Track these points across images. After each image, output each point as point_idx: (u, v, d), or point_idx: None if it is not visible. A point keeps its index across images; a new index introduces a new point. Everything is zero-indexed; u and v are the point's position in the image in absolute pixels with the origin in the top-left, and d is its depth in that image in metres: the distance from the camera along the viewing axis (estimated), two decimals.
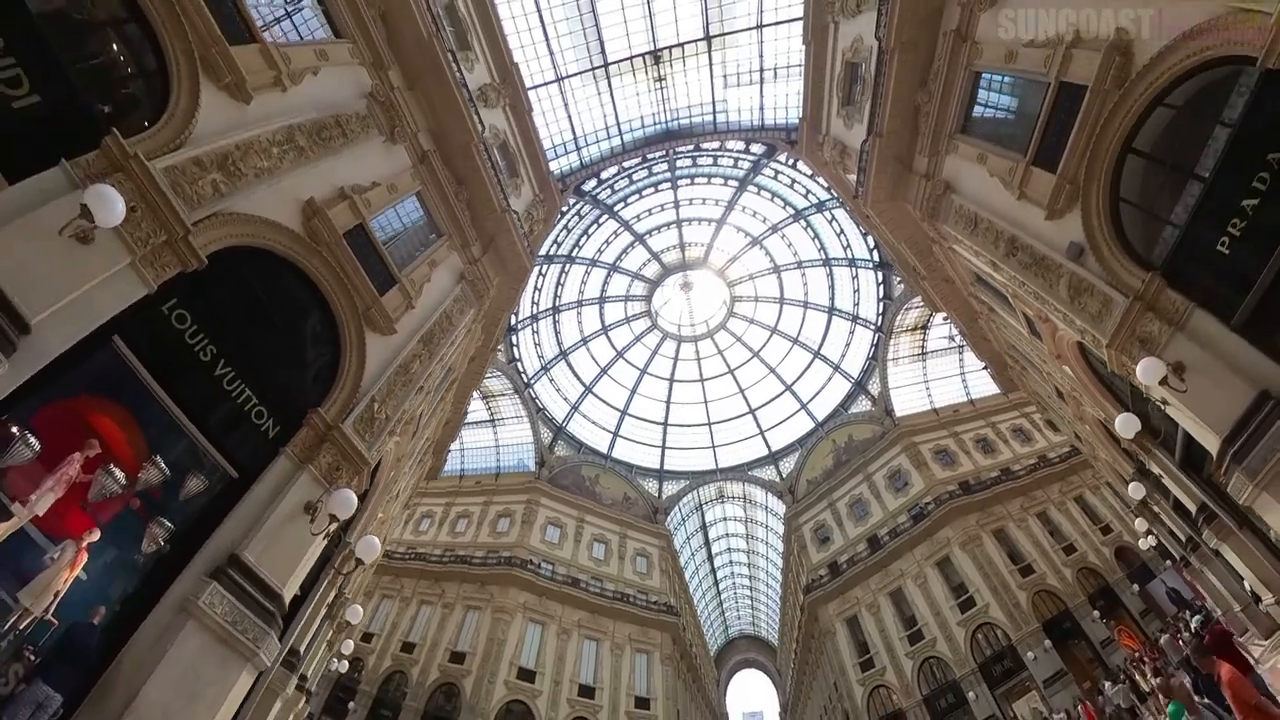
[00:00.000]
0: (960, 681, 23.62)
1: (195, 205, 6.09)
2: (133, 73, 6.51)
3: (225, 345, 6.56)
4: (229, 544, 6.08)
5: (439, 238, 11.78)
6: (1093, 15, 6.96)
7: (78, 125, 5.49)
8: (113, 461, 5.57)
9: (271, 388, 7.03)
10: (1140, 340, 6.92)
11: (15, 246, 4.66)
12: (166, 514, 5.95)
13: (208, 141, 6.49)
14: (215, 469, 6.40)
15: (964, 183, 10.74)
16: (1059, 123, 7.88)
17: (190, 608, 5.54)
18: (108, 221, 4.88)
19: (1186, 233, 6.36)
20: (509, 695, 24.07)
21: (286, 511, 6.45)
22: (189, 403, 6.23)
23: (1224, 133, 5.83)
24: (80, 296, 4.99)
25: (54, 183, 5.05)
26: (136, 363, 5.79)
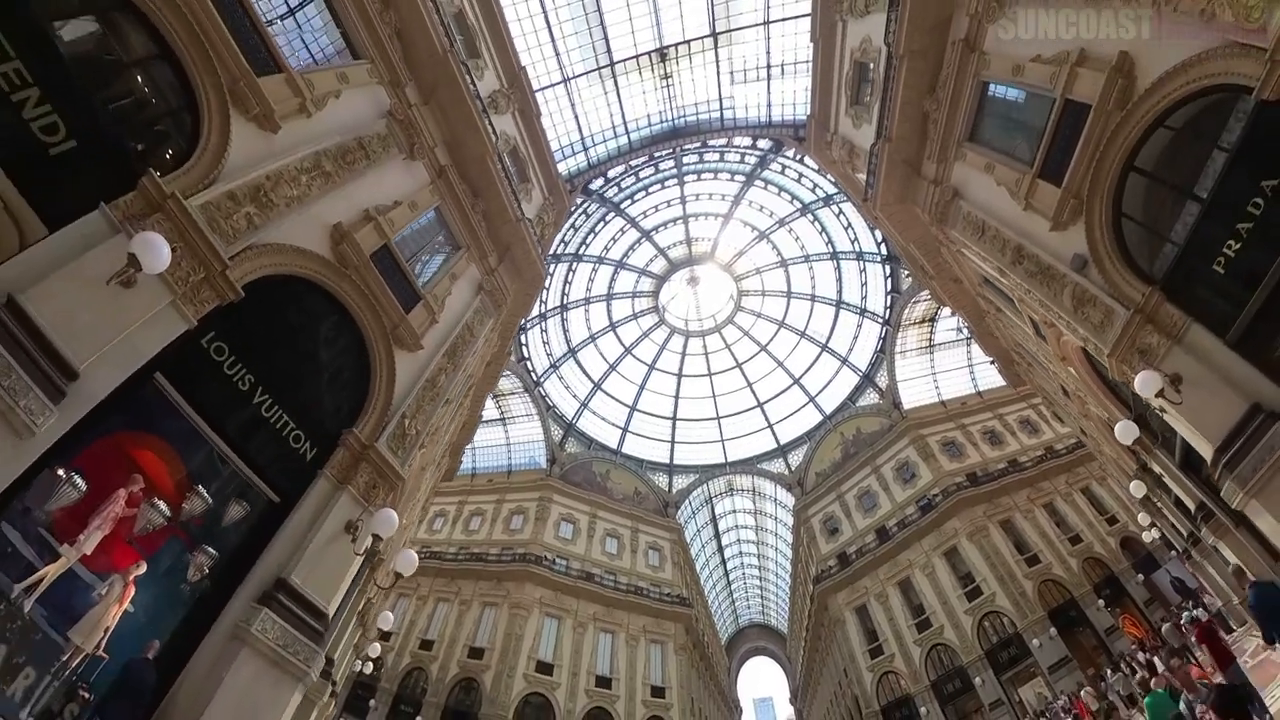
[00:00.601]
0: (967, 668, 24.14)
1: (231, 240, 6.35)
2: (163, 109, 6.74)
3: (261, 373, 6.80)
4: (275, 568, 6.34)
5: (457, 250, 12.11)
6: (1097, 36, 7.18)
7: (113, 165, 5.72)
8: (156, 494, 5.73)
9: (306, 411, 7.33)
10: (1140, 351, 7.20)
11: (61, 294, 4.86)
12: (210, 541, 6.16)
13: (240, 174, 6.75)
14: (256, 494, 6.63)
15: (972, 190, 10.95)
16: (1064, 137, 8.10)
17: (243, 635, 5.75)
18: (155, 268, 5.11)
19: (1185, 250, 6.63)
20: (528, 688, 24.76)
21: (329, 533, 6.73)
22: (229, 431, 6.48)
23: (1221, 156, 6.09)
24: (124, 339, 5.21)
25: (95, 227, 5.25)
26: (178, 397, 6.03)
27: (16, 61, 5.07)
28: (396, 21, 11.06)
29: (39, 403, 4.52)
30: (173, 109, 6.72)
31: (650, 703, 27.76)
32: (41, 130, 5.25)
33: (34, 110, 5.19)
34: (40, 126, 5.24)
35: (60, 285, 4.83)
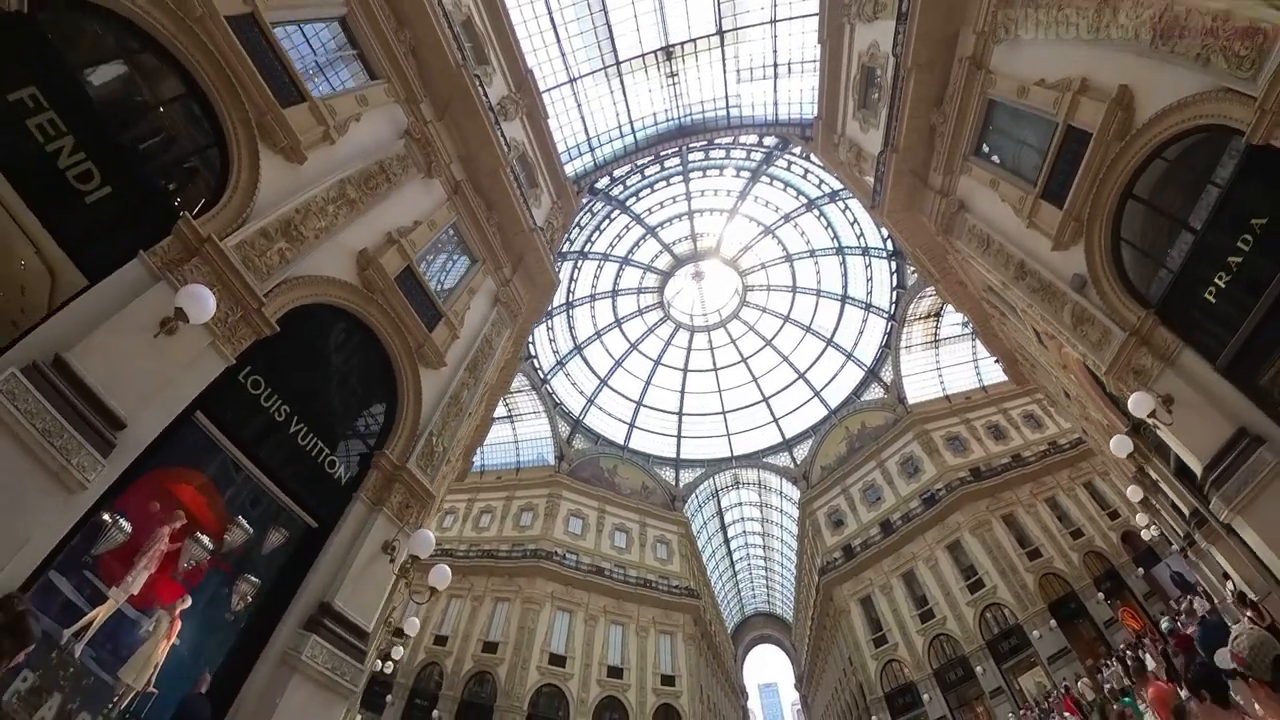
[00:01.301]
0: (969, 657, 24.77)
1: (264, 276, 6.52)
2: (191, 146, 6.82)
3: (296, 402, 6.96)
4: (319, 592, 6.56)
5: (474, 264, 12.43)
6: (1099, 67, 7.41)
7: (146, 207, 5.82)
8: (198, 529, 5.77)
9: (338, 435, 7.61)
10: (1135, 371, 7.53)
11: (106, 347, 4.96)
12: (251, 570, 6.33)
13: (271, 209, 6.89)
14: (294, 520, 6.83)
15: (977, 203, 11.18)
16: (1066, 161, 8.35)
17: (293, 661, 5.95)
18: (201, 319, 5.24)
19: (1179, 278, 6.93)
20: (542, 680, 25.50)
21: (367, 554, 7.01)
22: (266, 461, 6.62)
23: (1214, 191, 6.38)
24: (168, 384, 5.36)
25: (134, 275, 5.35)
26: (218, 434, 6.16)
27: (50, 111, 5.15)
28: (411, 39, 11.19)
29: (90, 459, 4.66)
30: (201, 146, 6.80)
31: (660, 691, 28.53)
32: (77, 179, 5.32)
33: (69, 159, 5.27)
34: (75, 175, 5.32)
35: (105, 338, 4.98)
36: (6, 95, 4.96)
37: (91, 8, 5.81)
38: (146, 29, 6.23)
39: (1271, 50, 5.11)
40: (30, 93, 5.04)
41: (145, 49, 6.37)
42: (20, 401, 4.31)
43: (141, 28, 6.21)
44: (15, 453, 4.32)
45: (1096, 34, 7.15)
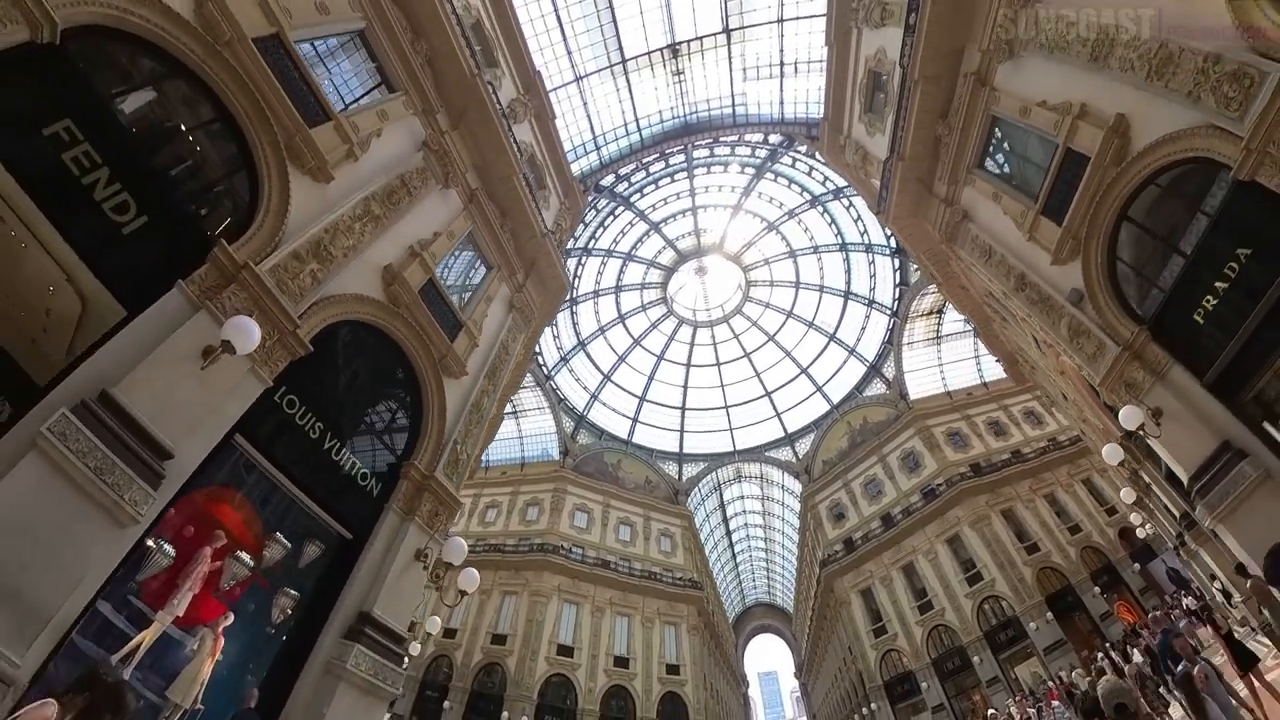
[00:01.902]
0: (966, 647, 25.43)
1: (298, 298, 6.69)
2: (222, 170, 6.84)
3: (328, 417, 7.12)
4: (357, 601, 6.80)
5: (489, 271, 12.78)
6: (1098, 94, 7.70)
7: (180, 234, 5.88)
8: (237, 546, 5.85)
9: (369, 448, 7.90)
10: (1127, 384, 7.91)
11: (151, 380, 5.02)
12: (290, 583, 6.50)
13: (301, 231, 7.02)
14: (329, 533, 7.04)
15: (980, 214, 11.48)
16: (1065, 181, 8.66)
17: (338, 671, 6.18)
18: (247, 349, 5.34)
19: (1170, 298, 7.28)
20: (550, 670, 26.19)
21: (402, 563, 7.28)
22: (301, 477, 6.77)
23: (1204, 220, 6.72)
24: (210, 410, 5.47)
25: (175, 305, 5.44)
26: (256, 454, 6.29)
27: (85, 143, 5.18)
28: (428, 50, 11.36)
29: (142, 493, 4.74)
30: (231, 169, 6.84)
31: (665, 679, 29.31)
32: (113, 210, 5.35)
33: (105, 191, 5.29)
34: (112, 207, 5.34)
35: (150, 371, 5.05)
36: (42, 130, 5.04)
37: (121, 35, 5.86)
38: (175, 55, 6.29)
39: (1258, 95, 5.44)
40: (65, 125, 5.11)
41: (174, 75, 6.43)
42: (72, 442, 4.41)
43: (171, 53, 6.27)
44: (69, 493, 4.41)
45: (1096, 62, 7.45)
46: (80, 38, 5.35)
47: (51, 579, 4.21)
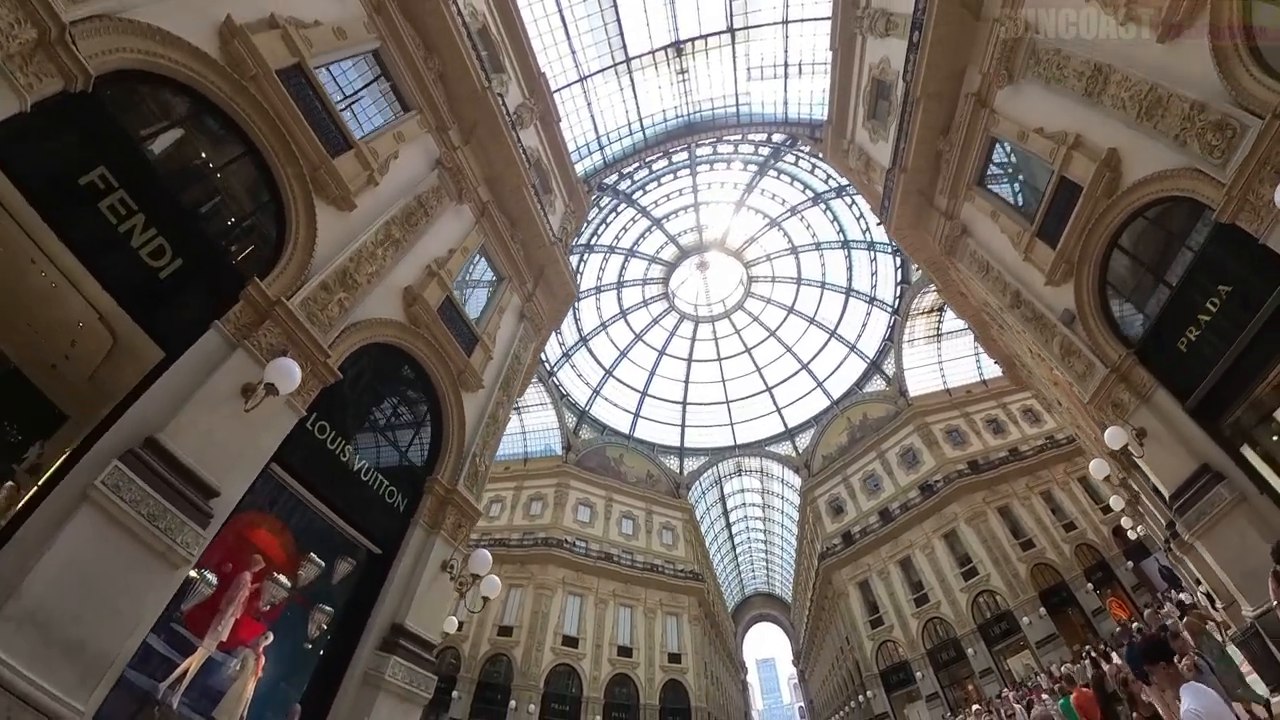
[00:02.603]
0: (961, 639, 26.07)
1: (327, 328, 6.92)
2: (249, 206, 6.97)
3: (355, 438, 7.42)
4: (390, 614, 7.14)
5: (500, 282, 13.10)
6: (1092, 127, 7.99)
7: (213, 271, 6.06)
8: (274, 569, 6.15)
9: (394, 466, 8.18)
10: (1114, 404, 8.30)
11: (195, 421, 5.19)
12: (324, 599, 6.86)
13: (328, 262, 7.20)
14: (359, 549, 7.39)
15: (979, 230, 11.79)
16: (1060, 206, 8.96)
17: (376, 681, 6.54)
18: (289, 389, 5.55)
19: (1156, 325, 7.66)
20: (556, 660, 26.90)
21: (430, 575, 7.67)
22: (332, 498, 7.04)
23: (1189, 254, 7.06)
24: (250, 445, 5.69)
25: (212, 345, 5.63)
26: (290, 479, 6.54)
27: (120, 190, 5.29)
28: (440, 66, 11.49)
29: (193, 534, 4.91)
30: (258, 204, 6.96)
31: (668, 668, 30.12)
32: (150, 255, 5.48)
33: (141, 237, 5.42)
34: (149, 252, 5.47)
35: (192, 414, 5.22)
36: (78, 180, 5.14)
37: (150, 77, 5.93)
38: (203, 93, 6.40)
39: (1239, 145, 5.76)
40: (100, 174, 5.23)
41: (202, 113, 6.53)
42: (125, 492, 4.55)
43: (199, 93, 6.37)
44: (125, 542, 4.56)
45: (1090, 97, 7.74)
46: (110, 83, 5.43)
47: (111, 627, 4.39)
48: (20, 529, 4.29)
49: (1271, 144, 5.42)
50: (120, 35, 5.43)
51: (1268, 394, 6.68)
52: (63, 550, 4.20)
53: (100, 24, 5.23)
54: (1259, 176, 5.58)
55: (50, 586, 4.10)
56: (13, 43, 4.44)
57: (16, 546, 4.20)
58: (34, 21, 4.57)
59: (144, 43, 5.68)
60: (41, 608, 4.05)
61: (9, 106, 4.52)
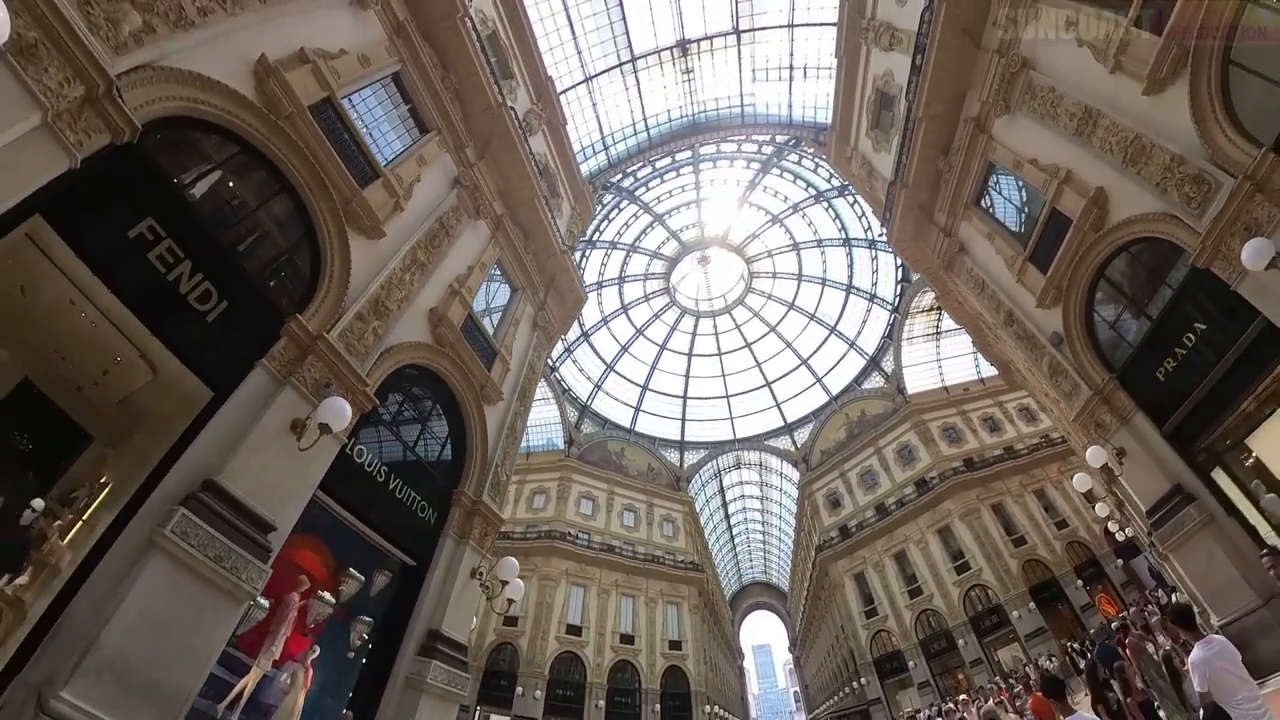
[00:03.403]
0: (952, 630, 26.94)
1: (364, 357, 7.24)
2: (285, 241, 7.12)
3: (388, 458, 7.74)
4: (427, 621, 7.65)
5: (514, 293, 13.52)
6: (1082, 165, 8.41)
7: (253, 309, 6.25)
8: (319, 586, 6.48)
9: (425, 481, 8.61)
10: (1096, 424, 8.84)
11: (250, 461, 5.38)
12: (364, 610, 7.26)
13: (361, 291, 7.46)
14: (394, 561, 7.85)
15: (975, 249, 12.22)
16: (1051, 235, 9.40)
17: (419, 684, 7.04)
18: (340, 427, 5.89)
19: (1138, 353, 8.17)
20: (560, 648, 27.77)
21: (460, 583, 8.20)
22: (369, 517, 7.39)
23: (1168, 290, 7.55)
24: (299, 478, 5.96)
25: (259, 384, 5.85)
26: (332, 503, 6.84)
27: (168, 239, 5.44)
28: (456, 83, 11.69)
29: (256, 570, 5.16)
30: (294, 239, 7.13)
31: (668, 654, 31.13)
32: (197, 300, 5.64)
33: (189, 283, 5.59)
34: (196, 297, 5.63)
35: (246, 454, 5.43)
36: (128, 233, 5.26)
37: (190, 122, 6.02)
38: (241, 135, 6.52)
39: (1214, 200, 6.22)
40: (149, 225, 5.36)
41: (239, 154, 6.64)
42: (193, 538, 4.77)
43: (237, 134, 6.48)
44: (194, 585, 4.79)
45: (1081, 136, 8.17)
46: (151, 130, 5.44)
47: (183, 666, 4.63)
48: (91, 575, 4.52)
49: (1243, 203, 5.88)
50: (162, 84, 5.49)
51: (1237, 424, 7.22)
52: (137, 599, 4.42)
53: (143, 74, 5.28)
54: (1230, 230, 6.05)
55: (126, 634, 4.32)
56: (62, 101, 4.48)
57: (88, 593, 4.45)
58: (82, 79, 4.62)
59: (184, 89, 5.76)
60: (120, 656, 4.26)
61: (59, 165, 4.56)
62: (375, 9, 9.43)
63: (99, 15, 4.90)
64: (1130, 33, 6.95)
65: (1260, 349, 6.50)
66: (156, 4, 5.40)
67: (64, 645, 4.18)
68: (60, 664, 4.06)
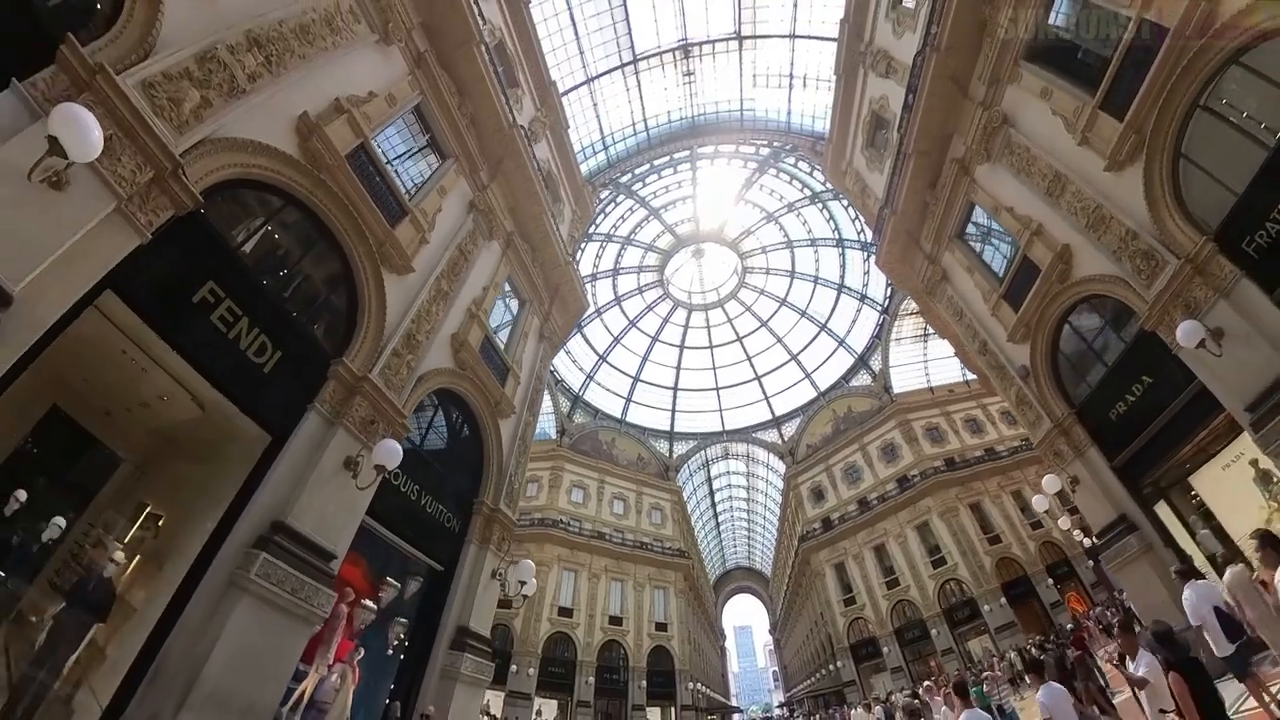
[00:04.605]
0: (926, 621, 28.40)
1: (400, 390, 7.87)
2: (325, 286, 7.58)
3: (421, 478, 8.42)
4: (456, 619, 8.62)
5: (523, 306, 14.10)
6: (1052, 221, 9.15)
7: (302, 354, 6.68)
8: (362, 596, 7.18)
9: (448, 493, 9.33)
10: (1055, 452, 9.79)
11: (312, 500, 5.94)
12: (399, 612, 8.11)
13: (395, 329, 7.91)
14: (424, 568, 8.69)
15: (956, 279, 13.01)
16: (1022, 278, 10.18)
17: (453, 674, 8.03)
18: (393, 465, 6.42)
19: (1093, 395, 9.07)
20: (552, 629, 28.99)
21: (483, 583, 9.13)
22: (403, 531, 8.08)
23: (1121, 343, 8.41)
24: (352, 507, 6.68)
25: (314, 426, 6.47)
26: (379, 526, 7.57)
27: (228, 300, 5.78)
28: (471, 109, 12.04)
29: (326, 596, 5.82)
30: (333, 283, 7.59)
31: (654, 635, 32.64)
32: (254, 353, 6.01)
33: (247, 339, 5.97)
34: (253, 351, 6.00)
35: (309, 494, 5.96)
36: (191, 297, 5.58)
37: (242, 183, 6.34)
38: (287, 190, 6.89)
39: (1161, 275, 7.02)
40: (210, 288, 5.71)
41: (285, 207, 7.01)
42: (273, 577, 5.35)
43: (283, 190, 6.85)
44: (276, 617, 5.43)
45: (1051, 196, 8.92)
46: (208, 196, 5.67)
47: (269, 685, 5.36)
48: (180, 617, 5.09)
49: (1184, 282, 6.70)
50: (219, 154, 5.84)
51: (1179, 465, 8.13)
52: (231, 636, 5.03)
53: (203, 148, 5.60)
54: (1173, 304, 6.88)
55: (223, 668, 4.93)
56: (134, 187, 4.76)
57: (183, 632, 5.02)
58: (152, 164, 4.91)
59: (238, 156, 6.11)
60: (219, 688, 4.88)
61: (131, 244, 4.83)
62: (399, 45, 9.86)
63: (163, 98, 5.21)
64: (1096, 113, 7.66)
65: (1199, 404, 7.31)
66: (212, 78, 5.71)
67: (165, 684, 4.77)
68: (163, 701, 4.66)
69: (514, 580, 9.12)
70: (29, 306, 4.09)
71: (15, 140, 4.08)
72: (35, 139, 4.07)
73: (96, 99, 4.58)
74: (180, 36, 5.59)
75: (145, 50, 5.29)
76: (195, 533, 5.76)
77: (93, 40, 5.02)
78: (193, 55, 5.56)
